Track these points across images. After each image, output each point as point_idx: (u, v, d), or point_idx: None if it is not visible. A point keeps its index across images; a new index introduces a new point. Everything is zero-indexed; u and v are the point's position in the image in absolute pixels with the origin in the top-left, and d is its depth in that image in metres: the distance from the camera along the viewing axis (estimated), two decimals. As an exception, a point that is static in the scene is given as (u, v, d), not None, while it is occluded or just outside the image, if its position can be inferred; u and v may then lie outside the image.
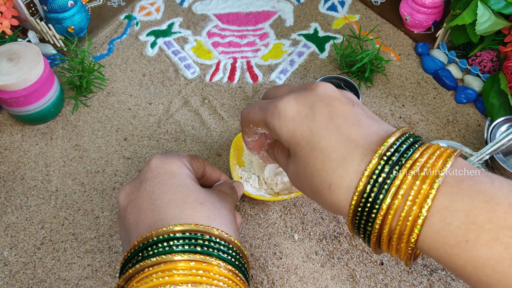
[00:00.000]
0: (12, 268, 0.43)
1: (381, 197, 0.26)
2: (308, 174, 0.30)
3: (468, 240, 0.24)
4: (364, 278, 0.42)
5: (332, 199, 0.29)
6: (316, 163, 0.29)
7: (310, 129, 0.30)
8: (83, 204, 0.47)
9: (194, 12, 0.68)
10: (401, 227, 0.25)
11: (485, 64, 0.57)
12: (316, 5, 0.69)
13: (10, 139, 0.53)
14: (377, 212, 0.26)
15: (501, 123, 0.50)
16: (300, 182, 0.31)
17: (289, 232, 0.45)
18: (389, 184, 0.26)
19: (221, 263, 0.30)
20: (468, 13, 0.53)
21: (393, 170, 0.26)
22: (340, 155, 0.28)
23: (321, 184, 0.29)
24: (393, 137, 0.27)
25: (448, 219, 0.25)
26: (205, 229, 0.31)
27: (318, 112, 0.30)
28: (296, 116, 0.30)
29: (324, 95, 0.31)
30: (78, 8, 0.59)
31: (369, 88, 0.58)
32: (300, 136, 0.30)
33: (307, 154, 0.30)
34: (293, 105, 0.31)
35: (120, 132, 0.53)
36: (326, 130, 0.29)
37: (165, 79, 0.59)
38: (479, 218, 0.24)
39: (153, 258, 0.29)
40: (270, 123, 0.32)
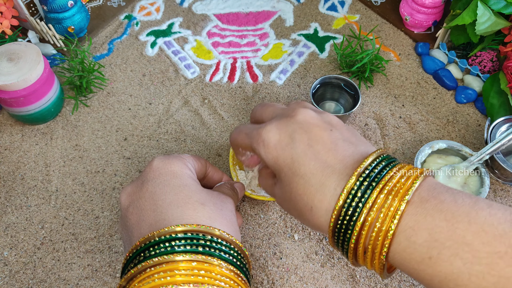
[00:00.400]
0: (12, 268, 0.43)
1: (355, 216, 0.28)
2: (292, 198, 0.32)
3: (431, 256, 0.26)
4: (364, 278, 0.42)
5: (314, 220, 0.31)
6: (298, 188, 0.31)
7: (291, 156, 0.32)
8: (83, 204, 0.47)
9: (194, 12, 0.68)
10: (374, 242, 0.28)
11: (485, 64, 0.57)
12: (316, 5, 0.69)
13: (10, 139, 0.53)
14: (352, 231, 0.28)
15: (501, 123, 0.50)
16: (286, 204, 0.34)
17: (289, 232, 0.45)
18: (363, 202, 0.28)
19: (223, 263, 0.30)
20: (468, 13, 0.53)
21: (367, 189, 0.28)
22: (318, 180, 0.31)
23: (304, 207, 0.31)
24: (371, 157, 0.30)
25: (413, 237, 0.27)
26: (207, 230, 0.31)
27: (298, 139, 0.32)
28: (277, 145, 0.33)
29: (304, 122, 0.33)
30: (78, 8, 0.59)
31: (369, 88, 0.58)
32: (282, 163, 0.32)
33: (289, 180, 0.32)
34: (274, 134, 0.33)
35: (120, 132, 0.53)
36: (305, 157, 0.32)
37: (165, 79, 0.59)
38: (440, 236, 0.26)
39: (154, 258, 0.29)
40: (256, 149, 0.34)
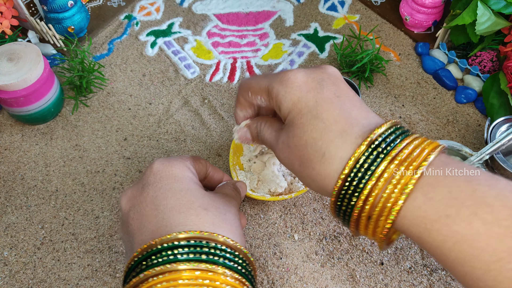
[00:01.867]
0: (12, 268, 0.43)
1: (366, 178, 0.27)
2: (301, 143, 0.30)
3: (449, 214, 0.25)
4: (364, 278, 0.42)
5: (321, 169, 0.29)
6: (314, 131, 0.29)
7: (316, 99, 0.30)
8: (83, 204, 0.47)
9: (194, 12, 0.68)
10: (382, 207, 0.26)
11: (485, 64, 0.56)
12: (316, 5, 0.69)
13: (10, 139, 0.53)
14: (361, 192, 0.27)
15: (501, 123, 0.50)
16: (289, 151, 0.31)
17: (289, 232, 0.45)
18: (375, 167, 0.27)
19: (227, 271, 0.29)
20: (468, 13, 0.53)
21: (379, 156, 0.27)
22: (340, 127, 0.29)
23: (314, 152, 0.29)
24: (384, 126, 0.28)
25: (431, 194, 0.25)
26: (210, 236, 0.30)
27: (326, 87, 0.31)
28: (303, 86, 0.31)
29: (333, 75, 0.32)
30: (78, 8, 0.59)
31: (369, 88, 0.58)
32: (303, 104, 0.31)
33: (306, 122, 0.30)
34: (302, 76, 0.32)
35: (120, 132, 0.53)
36: (331, 104, 0.30)
37: (165, 79, 0.59)
38: (460, 195, 0.25)
39: (157, 267, 0.28)
40: (275, 88, 0.32)
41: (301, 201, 0.47)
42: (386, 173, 0.26)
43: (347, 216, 0.29)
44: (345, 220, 0.29)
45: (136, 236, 0.32)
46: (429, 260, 0.43)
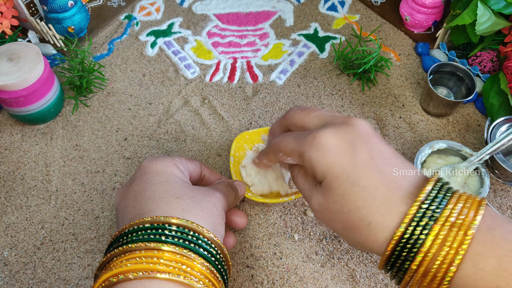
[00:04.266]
0: (12, 268, 0.43)
1: (421, 240, 0.27)
2: (344, 210, 0.30)
3: (499, 286, 0.25)
4: (364, 278, 0.42)
5: (369, 236, 0.29)
6: (357, 200, 0.29)
7: (352, 164, 0.30)
8: (83, 204, 0.47)
9: (194, 12, 0.68)
10: (437, 270, 0.27)
11: (485, 64, 0.56)
12: (316, 5, 0.69)
13: (10, 139, 0.53)
14: (416, 254, 0.27)
15: (501, 123, 0.50)
16: (331, 215, 0.31)
17: (289, 232, 0.45)
18: (428, 229, 0.27)
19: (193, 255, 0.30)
20: (468, 13, 0.53)
21: (433, 217, 0.27)
22: (382, 195, 0.29)
23: (359, 221, 0.29)
24: (431, 183, 0.29)
25: (481, 264, 0.26)
26: (166, 220, 0.31)
27: (359, 149, 0.31)
28: (336, 150, 0.31)
29: (363, 132, 0.32)
30: (78, 8, 0.59)
31: (370, 88, 0.58)
32: (340, 170, 0.30)
33: (346, 189, 0.30)
34: (333, 138, 0.31)
35: (120, 132, 0.53)
36: (368, 169, 0.30)
37: (165, 79, 0.59)
38: (510, 266, 0.25)
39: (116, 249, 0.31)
40: (307, 153, 0.32)
41: (301, 201, 0.47)
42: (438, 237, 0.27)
43: (400, 275, 0.29)
44: (397, 277, 0.30)
45: (119, 226, 0.34)
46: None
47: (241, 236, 0.45)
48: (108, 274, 0.29)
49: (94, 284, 0.30)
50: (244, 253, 0.44)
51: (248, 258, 0.43)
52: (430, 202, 0.28)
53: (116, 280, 0.28)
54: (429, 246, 0.27)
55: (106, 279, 0.29)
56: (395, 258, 0.28)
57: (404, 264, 0.28)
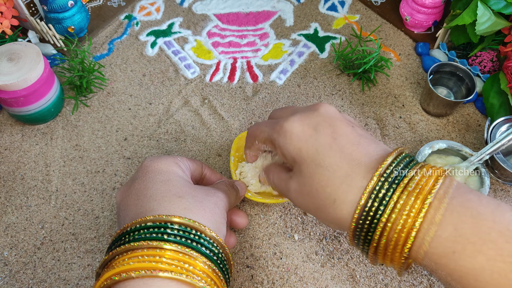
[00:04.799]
0: (12, 268, 0.43)
1: (380, 211, 0.28)
2: (313, 191, 0.32)
3: (455, 251, 0.26)
4: (364, 278, 0.42)
5: (336, 213, 0.31)
6: (321, 179, 0.31)
7: (315, 147, 0.32)
8: (83, 204, 0.47)
9: (194, 12, 0.68)
10: (397, 238, 0.28)
11: (485, 64, 0.56)
12: (316, 5, 0.69)
13: (10, 139, 0.53)
14: (377, 225, 0.29)
15: (501, 123, 0.50)
16: (303, 198, 0.33)
17: (289, 232, 0.45)
18: (387, 200, 0.28)
19: (195, 253, 0.31)
20: (468, 13, 0.53)
21: (391, 187, 0.29)
22: (344, 172, 0.30)
23: (325, 199, 0.31)
24: (391, 157, 0.30)
25: (439, 231, 0.27)
26: (168, 219, 0.31)
27: (322, 132, 0.32)
28: (301, 135, 0.33)
29: (327, 115, 0.34)
30: (78, 8, 0.59)
31: (370, 88, 0.58)
32: (305, 153, 0.32)
33: (312, 171, 0.32)
34: (298, 124, 0.33)
35: (120, 132, 0.53)
36: (330, 149, 0.31)
37: (165, 79, 0.59)
38: (465, 232, 0.26)
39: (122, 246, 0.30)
40: (276, 140, 0.34)
41: (301, 201, 0.47)
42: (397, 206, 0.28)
43: (365, 247, 0.31)
44: (364, 250, 0.31)
45: (121, 225, 0.34)
46: (429, 260, 0.43)
47: (241, 236, 0.45)
48: (111, 273, 0.29)
49: (96, 282, 0.30)
50: (244, 253, 0.44)
51: (248, 258, 0.43)
52: (389, 173, 0.29)
53: (118, 278, 0.28)
54: (388, 215, 0.28)
55: (108, 277, 0.29)
56: (359, 231, 0.30)
57: (367, 237, 0.29)
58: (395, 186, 0.29)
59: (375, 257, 0.31)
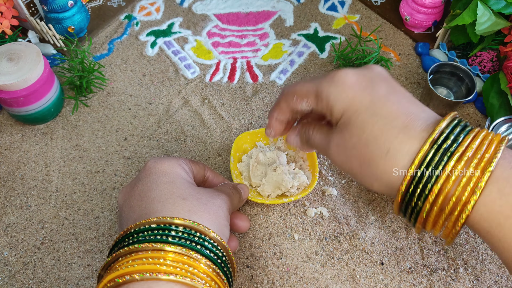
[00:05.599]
0: (12, 268, 0.43)
1: (438, 171, 0.26)
2: (362, 142, 0.29)
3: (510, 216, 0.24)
4: (364, 278, 0.42)
5: (387, 165, 0.28)
6: (375, 129, 0.29)
7: (371, 97, 0.30)
8: (83, 204, 0.47)
9: (194, 12, 0.68)
10: (456, 200, 0.26)
11: (485, 64, 0.57)
12: (316, 5, 0.69)
13: (10, 139, 0.53)
14: (434, 184, 0.26)
15: (501, 123, 0.50)
16: (347, 152, 0.31)
17: (289, 232, 0.45)
18: (447, 161, 0.26)
19: (198, 256, 0.30)
20: (468, 13, 0.53)
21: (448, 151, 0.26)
22: (401, 122, 0.28)
23: (376, 150, 0.29)
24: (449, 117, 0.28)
25: (507, 189, 0.25)
26: (172, 221, 0.31)
27: (378, 85, 0.31)
28: (356, 85, 0.31)
29: (382, 73, 0.32)
30: (78, 8, 0.59)
31: (369, 88, 0.58)
32: (359, 103, 0.30)
33: (365, 120, 0.29)
34: (353, 75, 0.31)
35: (120, 132, 0.53)
36: (387, 100, 0.30)
37: (165, 79, 0.59)
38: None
39: (126, 247, 0.30)
40: (325, 90, 0.32)
41: (301, 202, 0.47)
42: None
43: (414, 214, 0.28)
44: (411, 217, 0.29)
45: (123, 226, 0.34)
46: (429, 260, 0.43)
47: (241, 236, 0.45)
48: (114, 274, 0.29)
49: (98, 284, 0.30)
50: (244, 253, 0.44)
51: (248, 258, 0.43)
52: (445, 137, 0.27)
53: (122, 281, 0.28)
54: (443, 184, 0.26)
55: (111, 279, 0.29)
56: (410, 195, 0.27)
57: (419, 200, 0.27)
58: (450, 153, 0.26)
59: (424, 223, 0.29)
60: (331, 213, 0.46)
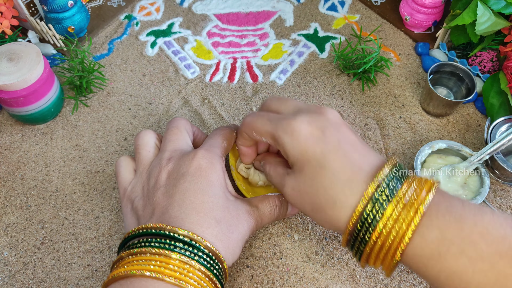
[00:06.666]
0: (12, 268, 0.43)
1: (378, 217, 0.30)
2: (313, 191, 0.33)
3: (440, 252, 0.28)
4: (364, 278, 0.42)
5: (334, 215, 0.32)
6: (324, 181, 0.32)
7: (322, 150, 0.33)
8: (83, 204, 0.47)
9: (194, 12, 0.68)
10: (391, 244, 0.30)
11: (485, 64, 0.57)
12: (316, 5, 0.69)
13: (10, 139, 0.53)
14: (374, 230, 0.30)
15: (501, 123, 0.50)
16: (300, 197, 0.34)
17: (289, 232, 0.45)
18: (383, 209, 0.30)
19: (202, 268, 0.33)
20: (468, 13, 0.53)
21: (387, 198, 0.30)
22: (347, 176, 0.32)
23: (325, 200, 0.32)
24: (388, 166, 0.32)
25: (426, 235, 0.29)
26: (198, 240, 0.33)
27: (329, 136, 0.33)
28: (309, 137, 0.34)
29: (333, 121, 0.35)
30: (78, 8, 0.59)
31: (370, 88, 0.58)
32: (311, 155, 0.33)
33: (315, 172, 0.33)
34: (306, 126, 0.34)
35: (120, 132, 0.53)
36: (336, 153, 0.33)
37: (165, 79, 0.59)
38: (449, 234, 0.28)
39: (155, 248, 0.32)
40: (281, 138, 0.35)
41: (301, 201, 0.47)
42: (392, 216, 0.30)
43: (358, 253, 0.32)
44: (357, 254, 0.33)
45: (156, 210, 0.36)
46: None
47: (241, 236, 0.45)
48: (131, 267, 0.31)
49: (114, 270, 0.32)
50: (244, 253, 0.44)
51: (248, 258, 0.44)
52: (388, 183, 0.31)
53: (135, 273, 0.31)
54: (384, 224, 0.30)
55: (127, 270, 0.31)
56: (355, 234, 0.31)
57: (363, 241, 0.31)
58: (392, 196, 0.30)
59: (367, 259, 0.32)
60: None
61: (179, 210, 0.35)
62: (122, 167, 0.42)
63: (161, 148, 0.42)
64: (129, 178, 0.42)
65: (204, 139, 0.46)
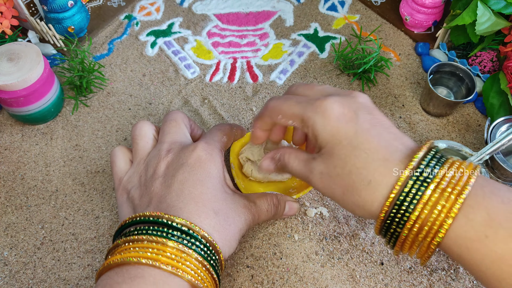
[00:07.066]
0: (12, 268, 0.43)
1: (416, 200, 0.28)
2: (345, 172, 0.31)
3: (488, 235, 0.27)
4: (364, 278, 0.42)
5: (368, 196, 0.30)
6: (357, 161, 0.31)
7: (355, 130, 0.32)
8: (83, 204, 0.47)
9: (194, 12, 0.68)
10: (427, 231, 0.28)
11: (485, 64, 0.57)
12: (316, 5, 0.69)
13: (10, 139, 0.53)
14: (411, 213, 0.29)
15: (501, 123, 0.50)
16: (331, 180, 0.33)
17: (289, 232, 0.45)
18: (425, 187, 0.28)
19: (199, 257, 0.33)
20: (468, 13, 0.53)
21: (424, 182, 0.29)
22: (382, 156, 0.31)
23: (359, 181, 0.31)
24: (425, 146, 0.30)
25: (471, 215, 0.27)
26: (195, 229, 0.34)
27: (362, 117, 0.33)
28: (341, 117, 0.32)
29: (365, 104, 0.34)
30: (78, 8, 0.59)
31: (370, 88, 0.58)
32: (343, 135, 0.32)
33: (348, 153, 0.31)
34: (338, 106, 0.33)
35: (120, 132, 0.53)
36: (369, 134, 0.32)
37: (165, 79, 0.59)
38: (498, 216, 0.27)
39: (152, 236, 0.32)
40: (311, 119, 0.33)
41: (301, 201, 0.47)
42: (432, 199, 0.28)
43: (393, 237, 0.31)
44: (391, 240, 0.31)
45: (154, 200, 0.36)
46: (429, 260, 0.43)
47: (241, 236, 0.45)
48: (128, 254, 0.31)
49: (111, 256, 0.33)
50: (244, 253, 0.44)
51: (248, 258, 0.44)
52: (424, 167, 0.29)
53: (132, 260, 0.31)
54: (424, 205, 0.28)
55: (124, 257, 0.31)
56: (391, 218, 0.30)
57: (399, 223, 0.29)
58: (426, 183, 0.29)
59: (402, 245, 0.31)
60: (331, 213, 0.46)
61: (177, 199, 0.35)
62: (118, 157, 0.42)
63: (159, 139, 0.42)
64: (125, 168, 0.41)
65: (200, 133, 0.46)
